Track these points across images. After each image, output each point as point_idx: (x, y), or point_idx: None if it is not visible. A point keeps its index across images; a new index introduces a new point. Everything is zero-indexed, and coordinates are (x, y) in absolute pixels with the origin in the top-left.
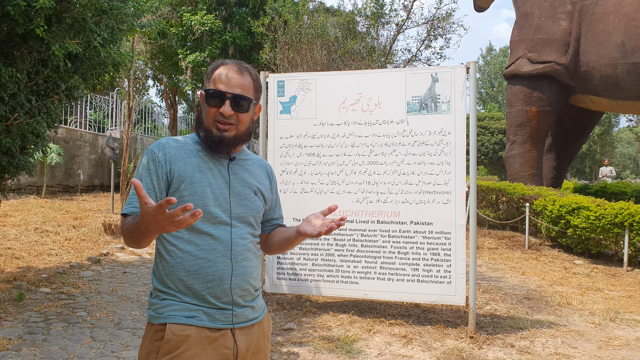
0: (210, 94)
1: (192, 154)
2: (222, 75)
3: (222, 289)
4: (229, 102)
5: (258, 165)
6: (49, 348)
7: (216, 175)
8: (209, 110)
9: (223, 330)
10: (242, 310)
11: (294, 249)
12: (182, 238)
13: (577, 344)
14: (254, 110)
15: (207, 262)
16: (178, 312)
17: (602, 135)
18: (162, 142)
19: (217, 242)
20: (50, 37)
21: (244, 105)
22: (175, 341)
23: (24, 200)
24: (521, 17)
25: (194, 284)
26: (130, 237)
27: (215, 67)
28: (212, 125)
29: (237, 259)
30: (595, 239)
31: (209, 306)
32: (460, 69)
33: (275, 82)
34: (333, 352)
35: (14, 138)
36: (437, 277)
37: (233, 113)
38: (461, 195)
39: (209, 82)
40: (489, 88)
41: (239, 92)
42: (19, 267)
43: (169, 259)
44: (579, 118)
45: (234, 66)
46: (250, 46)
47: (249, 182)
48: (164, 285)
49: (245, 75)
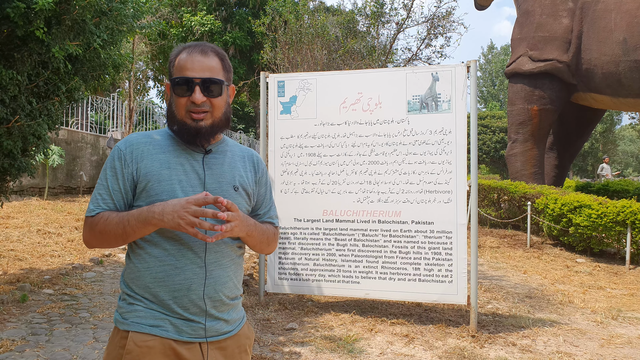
0: (176, 82)
1: (162, 149)
2: (186, 60)
3: (189, 299)
4: (199, 89)
5: (240, 156)
6: (52, 349)
7: (188, 172)
8: (179, 101)
9: (190, 344)
10: (214, 323)
11: (295, 249)
12: (152, 241)
13: (579, 342)
14: (228, 93)
15: (175, 269)
16: (143, 320)
17: (604, 133)
18: (130, 138)
19: (187, 247)
20: (50, 39)
21: (216, 89)
22: (136, 352)
23: (26, 202)
24: (522, 15)
25: (159, 292)
26: (106, 235)
27: (176, 53)
28: (186, 117)
29: (210, 267)
30: (597, 237)
31: (176, 316)
32: (460, 67)
33: (275, 83)
34: (335, 352)
35: (15, 140)
36: (439, 277)
37: (205, 99)
38: (462, 194)
39: (174, 69)
40: (490, 86)
41: (208, 75)
42: (22, 269)
43: (136, 263)
44: (580, 116)
45: (196, 48)
46: (250, 46)
47: (227, 177)
48: (130, 289)
49: (211, 55)
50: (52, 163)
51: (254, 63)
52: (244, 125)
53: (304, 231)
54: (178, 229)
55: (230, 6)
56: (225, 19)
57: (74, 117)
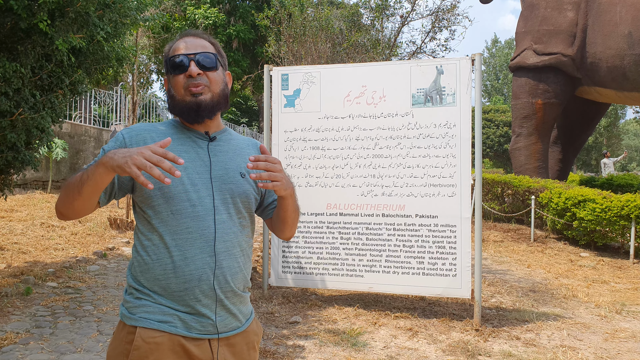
0: (172, 63)
1: (165, 136)
2: (179, 42)
3: (200, 289)
4: (194, 63)
5: (247, 145)
6: (56, 342)
7: (193, 159)
8: (176, 80)
9: (199, 340)
10: (223, 318)
11: (299, 243)
12: (159, 232)
13: (582, 336)
14: (224, 73)
15: (184, 259)
16: (151, 315)
17: (609, 127)
18: (133, 126)
19: (197, 235)
20: (54, 31)
21: (210, 63)
22: (144, 349)
23: (30, 195)
24: (527, 8)
25: (170, 283)
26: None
27: (169, 46)
28: (185, 94)
29: (220, 256)
30: (601, 231)
31: (186, 310)
32: (465, 61)
33: (279, 76)
34: (339, 345)
35: (19, 133)
36: (443, 270)
37: (202, 72)
38: (466, 188)
39: (169, 58)
40: (494, 80)
41: (201, 50)
42: (26, 262)
43: (144, 255)
44: (585, 110)
45: (188, 33)
46: (253, 39)
47: (235, 163)
48: (138, 283)
49: (203, 38)
50: (56, 156)
51: (257, 56)
52: (247, 118)
53: (307, 225)
54: (121, 171)
55: None
56: (229, 12)
57: (77, 110)
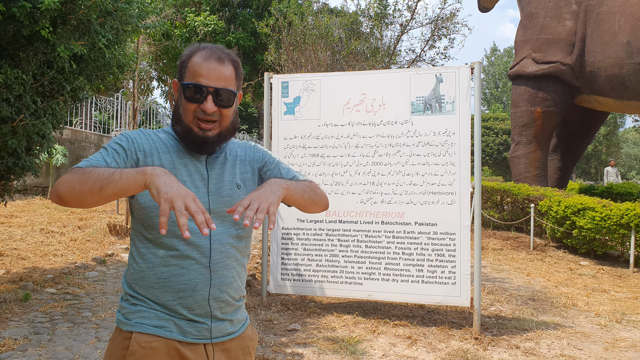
0: (188, 87)
1: (167, 149)
2: (202, 66)
3: (194, 299)
4: (212, 98)
5: (243, 150)
6: (54, 348)
7: (192, 173)
8: (188, 107)
9: (195, 345)
10: (218, 324)
11: (298, 250)
12: (156, 241)
13: (582, 345)
14: (237, 101)
15: (180, 269)
16: (147, 321)
17: (608, 136)
18: (138, 131)
19: (193, 247)
20: (56, 38)
21: (228, 100)
22: (140, 353)
23: (30, 201)
24: (526, 17)
25: (164, 293)
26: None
27: (191, 53)
28: (193, 123)
29: (215, 267)
30: (600, 240)
31: (180, 317)
32: (464, 69)
33: (279, 83)
34: (337, 353)
35: (20, 139)
36: (442, 278)
37: (216, 109)
38: (466, 195)
39: (186, 71)
40: (493, 89)
41: (222, 85)
42: (25, 268)
43: (140, 263)
44: (584, 118)
45: (213, 55)
46: (254, 47)
47: (231, 174)
48: (133, 290)
49: (227, 64)
50: (56, 162)
51: (257, 64)
52: (247, 125)
53: (307, 232)
54: (155, 194)
55: (233, 7)
56: (229, 19)
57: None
